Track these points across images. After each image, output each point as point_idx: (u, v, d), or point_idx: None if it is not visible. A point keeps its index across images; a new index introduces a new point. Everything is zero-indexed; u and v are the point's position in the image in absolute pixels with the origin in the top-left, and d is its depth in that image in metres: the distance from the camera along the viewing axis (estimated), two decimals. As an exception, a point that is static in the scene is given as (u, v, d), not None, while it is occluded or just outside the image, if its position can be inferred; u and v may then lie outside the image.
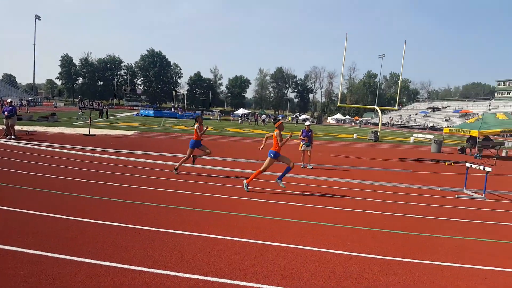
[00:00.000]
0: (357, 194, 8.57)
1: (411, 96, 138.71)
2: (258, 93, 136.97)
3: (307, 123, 13.21)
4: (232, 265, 4.06)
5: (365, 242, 5.20)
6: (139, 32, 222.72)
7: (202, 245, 4.60)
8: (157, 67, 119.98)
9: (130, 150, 13.49)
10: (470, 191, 9.68)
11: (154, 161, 11.50)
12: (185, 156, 9.59)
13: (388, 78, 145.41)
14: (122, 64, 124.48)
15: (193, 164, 9.97)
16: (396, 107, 24.08)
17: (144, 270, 3.78)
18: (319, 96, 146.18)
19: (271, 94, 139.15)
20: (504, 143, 24.78)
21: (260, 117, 54.38)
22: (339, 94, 41.91)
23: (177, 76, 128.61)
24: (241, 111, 79.66)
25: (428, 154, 20.51)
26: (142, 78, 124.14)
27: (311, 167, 12.33)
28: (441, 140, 22.99)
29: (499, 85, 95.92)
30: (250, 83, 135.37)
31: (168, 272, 3.78)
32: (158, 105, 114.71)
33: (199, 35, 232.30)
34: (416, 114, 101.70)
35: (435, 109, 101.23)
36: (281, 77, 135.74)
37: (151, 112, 59.70)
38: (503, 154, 22.30)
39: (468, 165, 10.12)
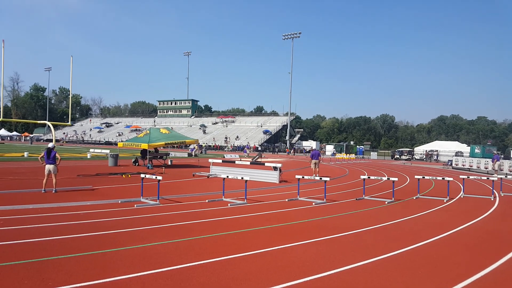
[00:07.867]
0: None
1: (84, 111, 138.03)
2: None
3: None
4: None
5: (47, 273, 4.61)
6: None
7: None
8: None
9: None
10: (147, 199, 10.61)
11: None
12: None
13: (58, 93, 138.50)
14: None
15: None
16: (69, 123, 23.09)
17: None
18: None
19: None
20: (169, 153, 28.96)
21: None
22: (1, 107, 35.48)
23: None
24: None
25: (106, 168, 20.85)
26: None
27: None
28: (117, 154, 24.02)
29: (160, 104, 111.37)
30: None
31: None
32: None
33: None
34: (91, 129, 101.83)
35: (108, 125, 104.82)
36: None
37: None
38: (169, 163, 25.96)
39: (142, 175, 11.05)
